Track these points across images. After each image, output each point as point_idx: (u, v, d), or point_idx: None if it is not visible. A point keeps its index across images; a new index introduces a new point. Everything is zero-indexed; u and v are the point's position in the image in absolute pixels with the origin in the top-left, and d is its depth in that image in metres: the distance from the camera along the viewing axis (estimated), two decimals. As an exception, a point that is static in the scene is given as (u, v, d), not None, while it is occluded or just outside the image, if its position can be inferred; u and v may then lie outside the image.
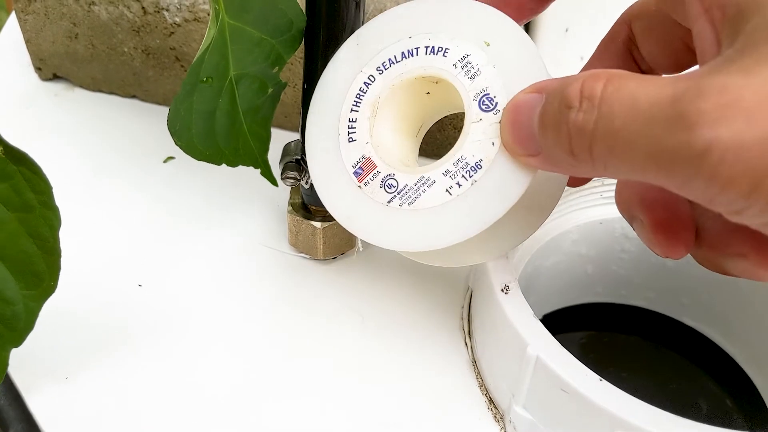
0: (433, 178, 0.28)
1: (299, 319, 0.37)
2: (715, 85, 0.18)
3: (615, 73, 0.21)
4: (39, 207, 0.27)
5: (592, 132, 0.21)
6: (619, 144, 0.20)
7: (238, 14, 0.30)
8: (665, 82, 0.19)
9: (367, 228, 0.30)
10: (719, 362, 0.43)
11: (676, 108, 0.18)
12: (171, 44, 0.45)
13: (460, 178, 0.28)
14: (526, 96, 0.25)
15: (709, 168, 0.18)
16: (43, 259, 0.28)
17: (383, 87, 0.30)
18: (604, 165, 0.21)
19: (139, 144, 0.47)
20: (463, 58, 0.28)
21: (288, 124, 0.47)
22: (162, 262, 0.40)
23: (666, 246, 0.26)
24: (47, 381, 0.34)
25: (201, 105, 0.31)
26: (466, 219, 0.28)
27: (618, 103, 0.20)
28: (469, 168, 0.28)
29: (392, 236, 0.29)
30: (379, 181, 0.29)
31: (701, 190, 0.19)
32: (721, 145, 0.18)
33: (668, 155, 0.19)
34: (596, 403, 0.27)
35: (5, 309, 0.28)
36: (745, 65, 0.18)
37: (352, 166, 0.30)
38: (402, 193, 0.29)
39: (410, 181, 0.29)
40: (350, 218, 0.30)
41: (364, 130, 0.30)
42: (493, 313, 0.31)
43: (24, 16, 0.47)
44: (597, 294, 0.44)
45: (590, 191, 0.39)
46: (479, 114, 0.27)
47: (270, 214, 0.43)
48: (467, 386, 0.34)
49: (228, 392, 0.34)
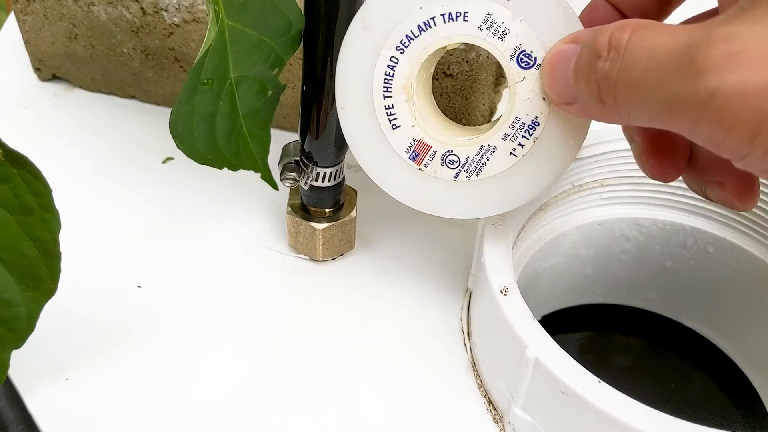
0: (493, 145, 0.29)
1: (298, 319, 0.37)
2: (723, 34, 0.19)
3: (641, 23, 0.22)
4: (39, 210, 0.27)
5: (615, 81, 0.22)
6: (637, 92, 0.21)
7: (237, 16, 0.30)
8: (683, 31, 0.20)
9: (442, 206, 0.31)
10: (718, 363, 0.43)
11: (687, 56, 0.19)
12: (170, 45, 0.45)
13: (521, 138, 0.29)
14: (564, 46, 0.26)
15: (715, 113, 0.19)
16: (44, 262, 0.28)
17: (411, 66, 0.29)
18: (627, 113, 0.22)
19: (138, 144, 0.47)
20: (487, 19, 0.27)
21: (287, 124, 0.47)
22: (161, 263, 0.40)
23: (656, 167, 0.27)
24: (47, 382, 0.34)
25: (202, 108, 0.31)
26: (538, 175, 0.29)
27: (639, 52, 0.21)
28: (527, 127, 0.28)
29: (466, 207, 0.31)
30: (438, 159, 0.30)
31: (708, 135, 0.20)
32: (726, 91, 0.19)
33: (678, 102, 0.20)
34: (595, 404, 0.27)
35: (6, 311, 0.28)
36: (755, 15, 0.19)
37: (405, 152, 0.30)
38: (466, 166, 0.30)
39: (471, 152, 0.29)
40: (421, 201, 0.31)
41: (406, 114, 0.30)
42: (492, 314, 0.31)
43: (23, 17, 0.47)
44: (596, 295, 0.44)
45: (589, 192, 0.39)
46: (521, 72, 0.27)
47: (269, 215, 0.43)
48: (466, 387, 0.34)
49: (227, 392, 0.34)
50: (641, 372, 0.44)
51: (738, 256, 0.39)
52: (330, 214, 0.38)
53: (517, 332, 0.29)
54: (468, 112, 0.44)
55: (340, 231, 0.39)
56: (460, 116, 0.45)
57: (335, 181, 0.37)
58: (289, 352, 0.36)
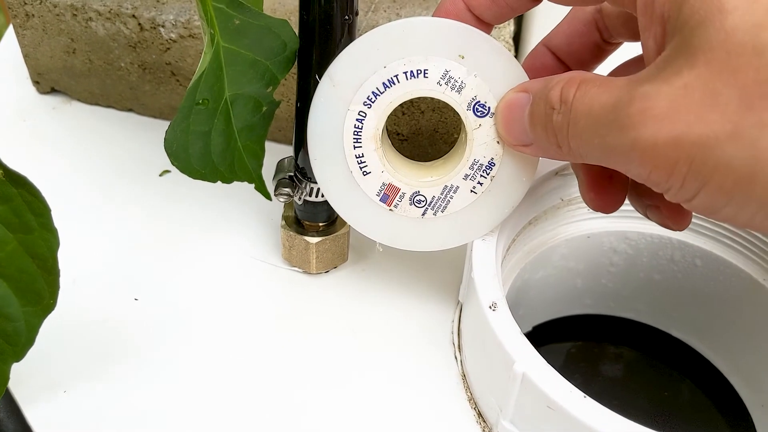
0: (456, 185, 0.32)
1: (291, 332, 0.38)
2: (641, 93, 0.22)
3: (585, 78, 0.25)
4: (38, 229, 0.27)
5: (567, 131, 0.26)
6: (584, 140, 0.25)
7: (233, 38, 0.31)
8: (616, 88, 0.24)
9: (412, 242, 0.34)
10: (705, 373, 0.43)
11: (614, 113, 0.23)
12: (167, 59, 0.46)
13: (480, 177, 0.32)
14: (516, 95, 0.29)
15: (638, 158, 0.23)
16: (43, 278, 0.28)
17: (378, 119, 0.31)
18: (580, 155, 0.26)
19: (135, 157, 0.47)
20: (445, 74, 0.30)
21: (282, 138, 0.48)
22: (157, 276, 0.40)
23: (596, 201, 0.31)
24: (46, 395, 0.34)
25: (197, 126, 0.32)
26: (496, 208, 0.33)
27: (582, 107, 0.25)
28: (484, 167, 0.32)
29: (435, 241, 0.34)
30: (407, 200, 0.33)
31: (638, 175, 0.23)
32: (642, 143, 0.22)
33: (612, 149, 0.24)
34: (581, 420, 0.27)
35: (7, 325, 0.29)
36: (665, 75, 0.22)
37: (376, 195, 0.33)
38: (432, 204, 0.33)
39: (436, 192, 0.33)
40: (393, 238, 0.34)
41: (376, 161, 0.32)
42: (481, 329, 0.32)
43: (22, 31, 0.48)
44: (586, 306, 0.45)
45: (578, 206, 0.40)
46: (477, 120, 0.31)
47: (263, 228, 0.43)
48: (457, 400, 0.35)
49: (222, 403, 0.35)
50: (630, 381, 0.45)
51: (725, 270, 0.40)
52: (323, 228, 0.39)
53: (505, 347, 0.30)
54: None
55: (334, 245, 0.39)
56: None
57: (329, 196, 0.37)
58: (282, 364, 0.37)
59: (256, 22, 0.30)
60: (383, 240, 0.34)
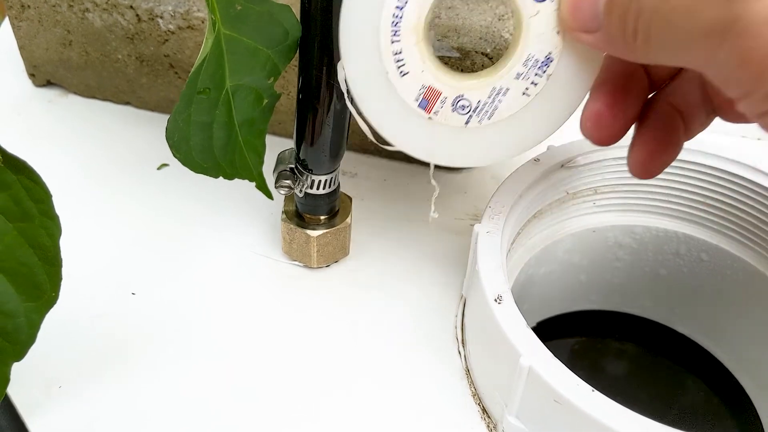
0: (505, 86, 0.28)
1: (292, 327, 0.37)
2: None
3: None
4: (39, 216, 0.27)
5: (651, 14, 0.22)
6: (671, 22, 0.21)
7: (234, 25, 0.30)
8: None
9: (452, 155, 0.30)
10: (710, 369, 0.43)
11: None
12: (165, 51, 0.45)
13: (534, 76, 0.28)
14: None
15: (732, 38, 0.19)
16: (44, 270, 0.27)
17: (420, 6, 0.27)
18: (656, 49, 0.22)
19: (132, 151, 0.47)
20: None
21: (282, 131, 0.47)
22: (155, 270, 0.40)
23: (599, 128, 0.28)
24: (42, 393, 0.34)
25: (199, 117, 0.31)
26: (551, 114, 0.28)
27: None
28: (540, 64, 0.27)
29: (479, 154, 0.29)
30: (449, 106, 0.28)
31: (721, 67, 0.20)
32: (748, 16, 0.19)
33: (705, 28, 0.20)
34: (588, 413, 0.27)
35: (6, 322, 0.28)
36: None
37: (415, 100, 0.28)
38: (478, 110, 0.28)
39: (482, 96, 0.28)
40: (432, 153, 0.30)
41: (415, 59, 0.28)
42: (486, 322, 0.31)
43: (18, 23, 0.47)
44: (591, 302, 0.45)
45: (583, 200, 0.39)
46: (535, 6, 0.26)
47: (263, 221, 0.43)
48: (461, 395, 0.35)
49: (221, 398, 0.34)
50: (635, 377, 0.45)
51: (731, 264, 0.39)
52: (325, 221, 0.39)
53: (510, 341, 0.29)
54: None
55: (335, 238, 0.39)
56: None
57: (330, 188, 0.37)
58: (283, 358, 0.36)
59: (258, 8, 0.30)
60: (421, 154, 0.30)
